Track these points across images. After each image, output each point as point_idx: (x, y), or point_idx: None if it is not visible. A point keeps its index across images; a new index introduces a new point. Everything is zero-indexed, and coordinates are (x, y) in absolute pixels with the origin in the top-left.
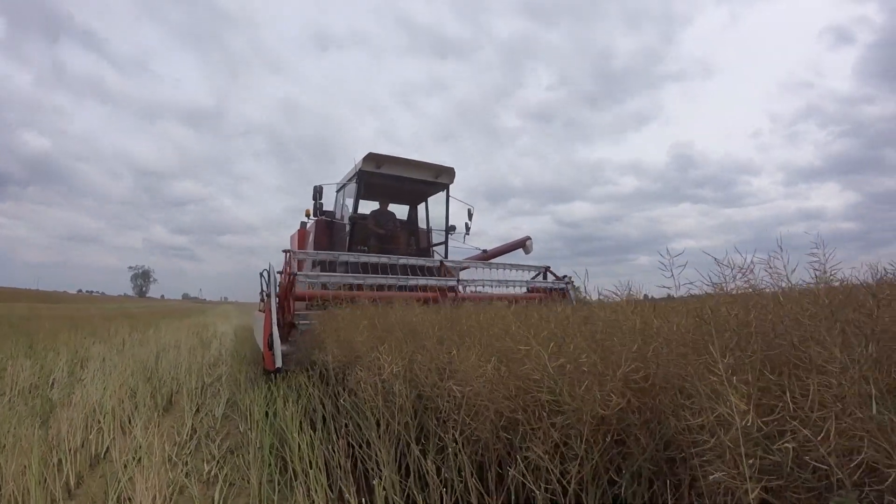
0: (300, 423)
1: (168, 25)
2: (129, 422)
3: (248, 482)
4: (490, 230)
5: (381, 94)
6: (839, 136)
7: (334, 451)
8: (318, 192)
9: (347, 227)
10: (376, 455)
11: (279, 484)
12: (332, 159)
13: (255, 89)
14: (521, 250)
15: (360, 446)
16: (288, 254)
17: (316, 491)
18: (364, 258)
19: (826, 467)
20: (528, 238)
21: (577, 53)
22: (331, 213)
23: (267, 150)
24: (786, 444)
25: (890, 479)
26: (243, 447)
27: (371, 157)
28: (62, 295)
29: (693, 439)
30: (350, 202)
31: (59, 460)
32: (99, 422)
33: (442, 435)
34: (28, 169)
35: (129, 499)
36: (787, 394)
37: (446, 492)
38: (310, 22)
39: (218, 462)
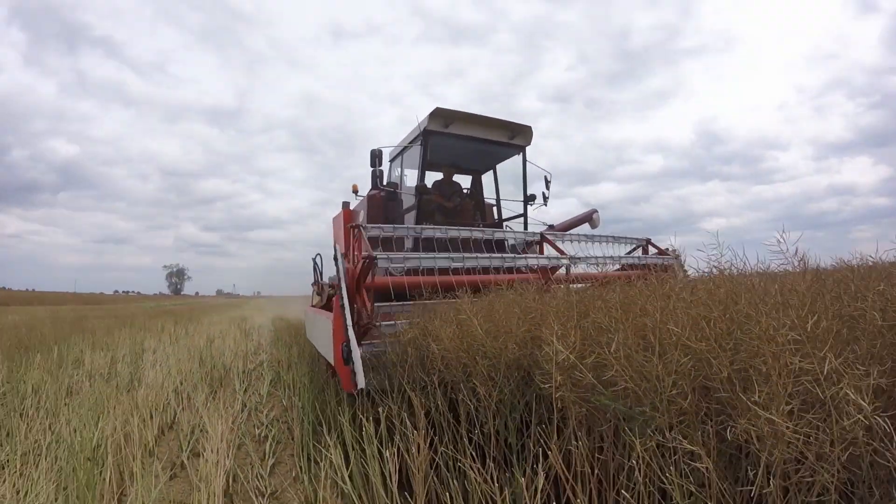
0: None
1: (185, 28)
2: (189, 398)
3: (293, 438)
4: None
5: (400, 82)
6: (869, 107)
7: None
8: (377, 157)
9: (414, 200)
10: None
11: (313, 437)
12: (355, 149)
13: (275, 85)
14: (587, 225)
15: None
16: (355, 230)
17: (343, 437)
18: (462, 233)
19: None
20: (595, 211)
21: (595, 32)
22: (394, 184)
23: (290, 145)
24: (586, 361)
25: None
26: (288, 413)
27: (438, 114)
28: (100, 296)
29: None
30: (410, 172)
31: (143, 420)
32: (166, 397)
33: (425, 378)
34: (59, 176)
35: (201, 453)
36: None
37: (426, 416)
38: (325, 15)
39: (266, 426)
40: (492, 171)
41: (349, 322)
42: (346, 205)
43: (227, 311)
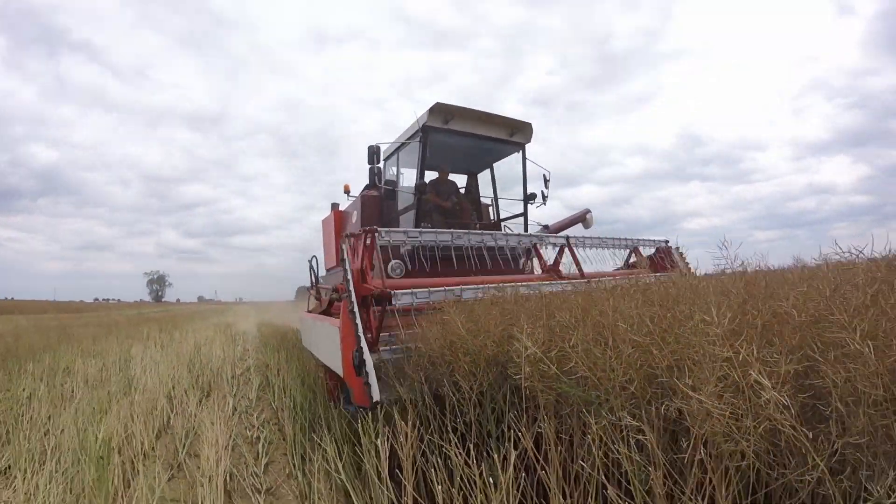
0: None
1: (166, 32)
2: (182, 403)
3: (284, 438)
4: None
5: (382, 87)
6: (846, 108)
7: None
8: (375, 154)
9: (412, 200)
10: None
11: (305, 436)
12: (337, 154)
13: (257, 90)
14: (580, 226)
15: None
16: (365, 236)
17: (335, 432)
18: (482, 239)
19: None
20: (588, 211)
21: (576, 37)
22: (393, 183)
23: (272, 149)
24: (550, 355)
25: None
26: (279, 414)
27: (438, 110)
28: (80, 305)
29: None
30: (406, 171)
31: (142, 424)
32: (160, 402)
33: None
34: (38, 181)
35: (197, 454)
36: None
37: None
38: (307, 20)
39: (258, 428)
40: (488, 170)
41: (360, 328)
42: (335, 206)
43: (210, 318)
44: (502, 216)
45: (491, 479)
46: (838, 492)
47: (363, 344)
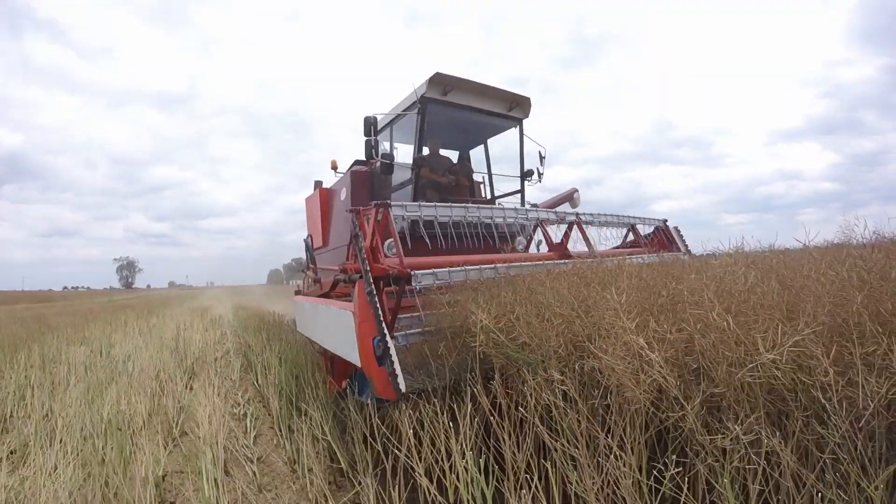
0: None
1: (133, 9)
2: (170, 384)
3: (269, 414)
4: None
5: (355, 64)
6: (819, 97)
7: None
8: (372, 126)
9: (410, 175)
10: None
11: (293, 407)
12: (310, 133)
13: (227, 68)
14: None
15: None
16: (377, 210)
17: (318, 410)
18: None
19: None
20: (575, 190)
21: (553, 18)
22: (390, 156)
23: (242, 130)
24: (499, 326)
25: None
26: (263, 390)
27: (438, 80)
28: (50, 293)
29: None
30: (402, 146)
31: (139, 402)
32: (151, 383)
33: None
34: (2, 166)
35: (186, 432)
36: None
37: None
38: None
39: (243, 406)
40: (482, 146)
41: (381, 313)
42: (318, 184)
43: (184, 303)
44: (496, 194)
45: (451, 425)
46: (706, 430)
47: (384, 328)
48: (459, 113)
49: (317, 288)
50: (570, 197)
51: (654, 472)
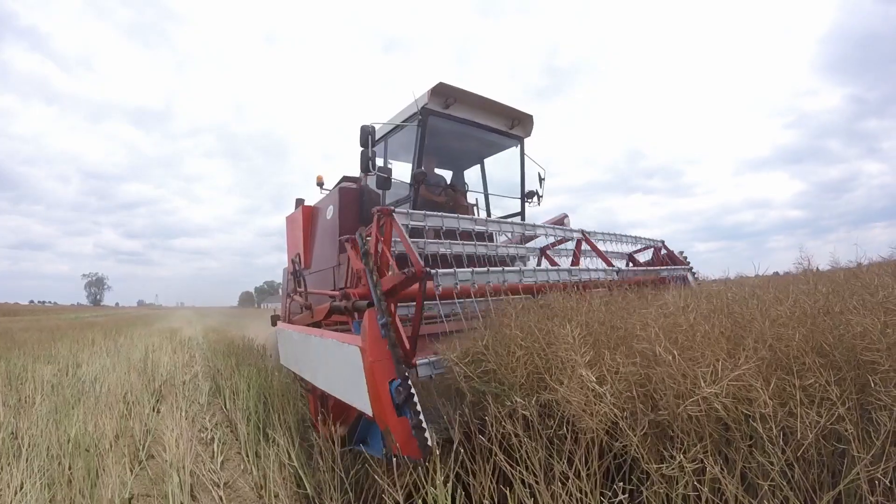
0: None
1: (114, 23)
2: (138, 406)
3: (237, 439)
4: None
5: (332, 88)
6: (785, 127)
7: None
8: (369, 136)
9: (408, 191)
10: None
11: (257, 433)
12: (285, 156)
13: (204, 87)
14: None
15: None
16: (379, 220)
17: (285, 435)
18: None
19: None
20: (565, 215)
21: (526, 48)
22: (387, 170)
23: (217, 149)
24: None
25: None
26: (231, 415)
27: (441, 91)
28: (16, 307)
29: None
30: (396, 161)
31: (105, 424)
32: (118, 405)
33: None
34: None
35: (153, 455)
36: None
37: None
38: (258, 18)
39: (211, 430)
40: (473, 167)
41: (399, 349)
42: (300, 202)
43: (153, 323)
44: (495, 216)
45: None
46: (658, 459)
47: (401, 370)
48: (460, 128)
49: (306, 315)
50: (560, 222)
51: (607, 500)
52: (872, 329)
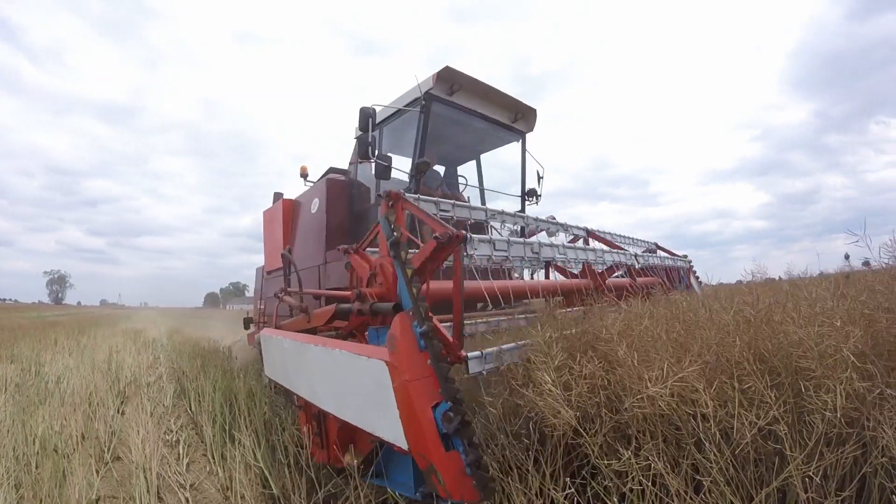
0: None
1: (85, 16)
2: (102, 407)
3: (202, 441)
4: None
5: (305, 91)
6: (751, 140)
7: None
8: (370, 118)
9: (409, 184)
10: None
11: (223, 434)
12: (254, 157)
13: (175, 84)
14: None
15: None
16: (388, 203)
17: (251, 437)
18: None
19: None
20: (553, 217)
21: (499, 56)
22: (388, 158)
23: (186, 148)
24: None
25: None
26: (197, 417)
27: (447, 76)
28: None
29: None
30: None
31: (70, 425)
32: (82, 406)
33: None
34: None
35: (119, 457)
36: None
37: None
38: (232, 17)
39: (176, 432)
40: (474, 162)
41: (444, 365)
42: (279, 196)
43: (117, 324)
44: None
45: None
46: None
47: (458, 393)
48: (462, 118)
49: (300, 319)
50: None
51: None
52: (807, 338)
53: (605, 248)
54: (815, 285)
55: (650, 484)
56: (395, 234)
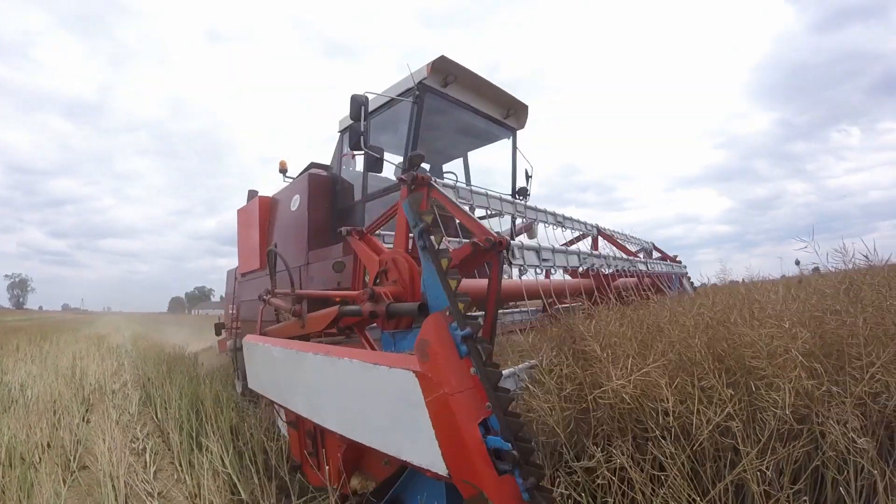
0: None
1: (53, 9)
2: (66, 415)
3: (169, 448)
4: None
5: (273, 91)
6: (716, 147)
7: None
8: (363, 107)
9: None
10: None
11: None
12: (221, 159)
13: (142, 83)
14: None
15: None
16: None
17: (219, 443)
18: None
19: None
20: (535, 220)
21: (469, 62)
22: (379, 150)
23: (152, 148)
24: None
25: None
26: (163, 424)
27: (441, 66)
28: None
29: None
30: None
31: (36, 433)
32: (47, 414)
33: None
34: None
35: (87, 465)
36: None
37: None
38: (201, 16)
39: (142, 440)
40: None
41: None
42: (253, 194)
43: (80, 329)
44: (478, 216)
45: None
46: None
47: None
48: (455, 111)
49: (291, 324)
50: (529, 227)
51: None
52: (758, 340)
53: (624, 255)
54: (769, 289)
55: (614, 478)
56: (424, 220)
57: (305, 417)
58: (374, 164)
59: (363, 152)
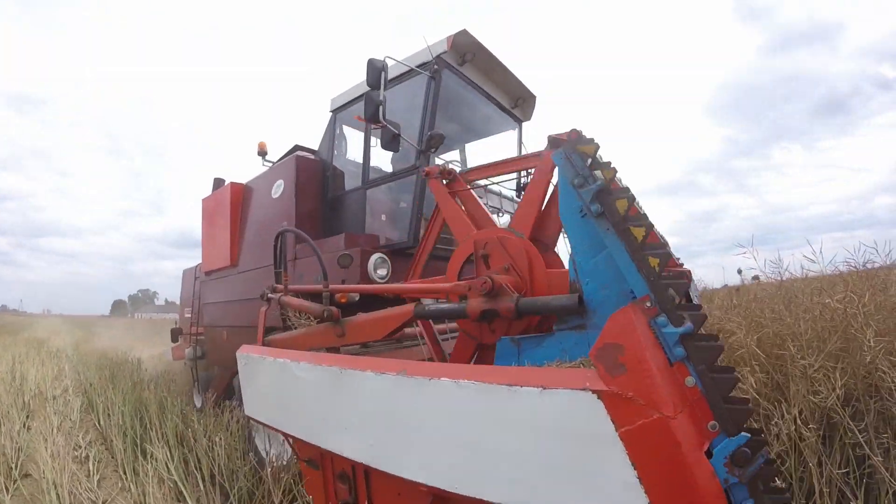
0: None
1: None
2: (5, 423)
3: (113, 456)
4: None
5: (235, 83)
6: (665, 163)
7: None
8: (381, 73)
9: (415, 159)
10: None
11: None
12: (167, 161)
13: (91, 77)
14: None
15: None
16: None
17: (163, 449)
18: None
19: None
20: None
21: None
22: (397, 125)
23: (98, 146)
24: None
25: None
26: (106, 432)
27: (462, 42)
28: None
29: None
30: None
31: None
32: None
33: None
34: None
35: (30, 474)
36: None
37: None
38: (154, 12)
39: (84, 448)
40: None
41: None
42: (219, 182)
43: (19, 332)
44: None
45: None
46: None
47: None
48: (465, 94)
49: (318, 331)
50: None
51: None
52: None
53: None
54: (715, 295)
55: None
56: (599, 178)
57: (351, 459)
58: (391, 141)
59: (380, 126)
